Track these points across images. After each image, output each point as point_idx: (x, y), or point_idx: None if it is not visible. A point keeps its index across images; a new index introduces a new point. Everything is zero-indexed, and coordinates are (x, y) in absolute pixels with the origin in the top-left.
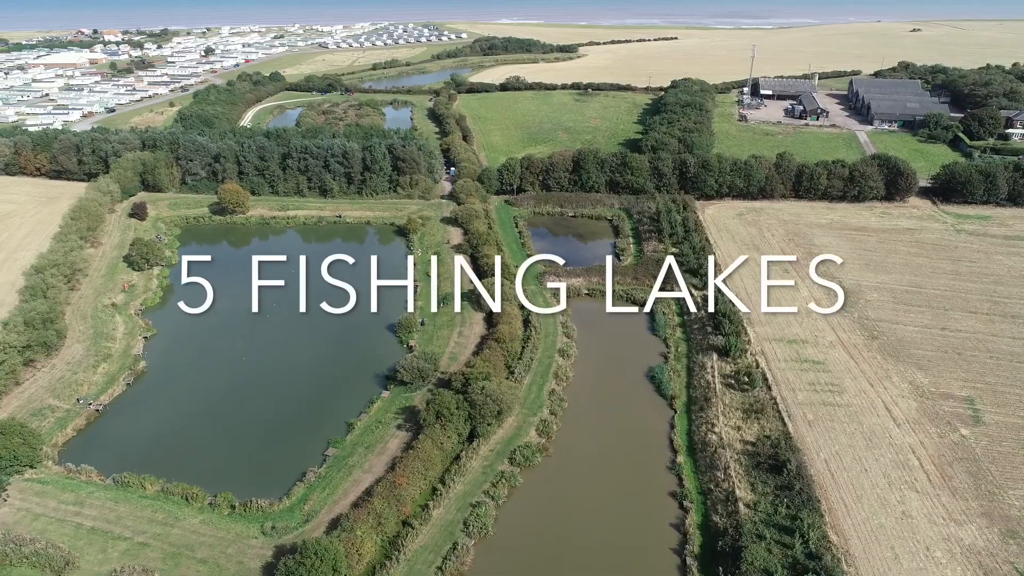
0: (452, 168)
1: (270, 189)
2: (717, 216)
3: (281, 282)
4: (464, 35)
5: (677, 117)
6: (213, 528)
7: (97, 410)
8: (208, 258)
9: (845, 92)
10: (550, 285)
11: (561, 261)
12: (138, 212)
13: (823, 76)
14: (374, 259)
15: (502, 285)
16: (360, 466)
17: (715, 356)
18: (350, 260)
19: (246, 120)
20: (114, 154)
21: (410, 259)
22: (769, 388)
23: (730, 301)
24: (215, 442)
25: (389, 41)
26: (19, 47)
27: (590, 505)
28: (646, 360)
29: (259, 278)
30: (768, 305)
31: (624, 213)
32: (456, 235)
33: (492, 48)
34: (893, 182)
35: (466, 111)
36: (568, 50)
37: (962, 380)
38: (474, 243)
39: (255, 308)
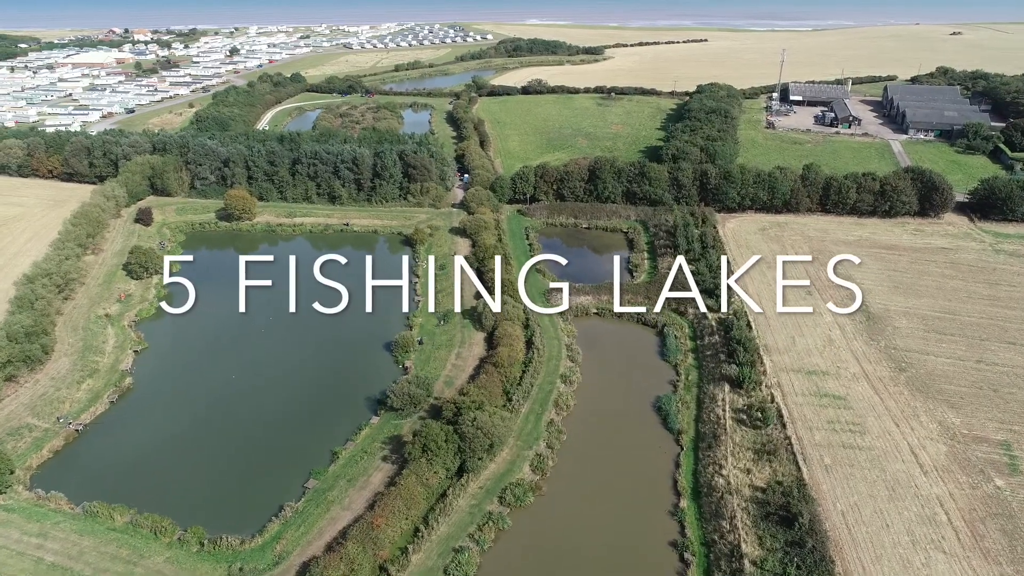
0: (466, 175)
1: (279, 195)
2: (738, 230)
3: (268, 283)
4: (489, 36)
5: (700, 124)
6: (177, 568)
7: (77, 430)
8: (191, 258)
9: (879, 99)
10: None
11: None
12: (143, 217)
13: (856, 81)
14: (375, 269)
15: (505, 303)
16: (339, 502)
17: (727, 387)
18: (351, 271)
19: (264, 122)
20: (124, 157)
21: (405, 263)
22: (784, 426)
23: (748, 337)
24: (195, 468)
25: (414, 42)
26: (50, 46)
27: (582, 553)
28: (654, 388)
29: (254, 287)
30: (785, 327)
31: (640, 226)
32: (464, 246)
33: (517, 50)
34: (927, 197)
35: (485, 115)
36: (594, 52)
37: (998, 422)
38: (480, 256)
39: (247, 313)
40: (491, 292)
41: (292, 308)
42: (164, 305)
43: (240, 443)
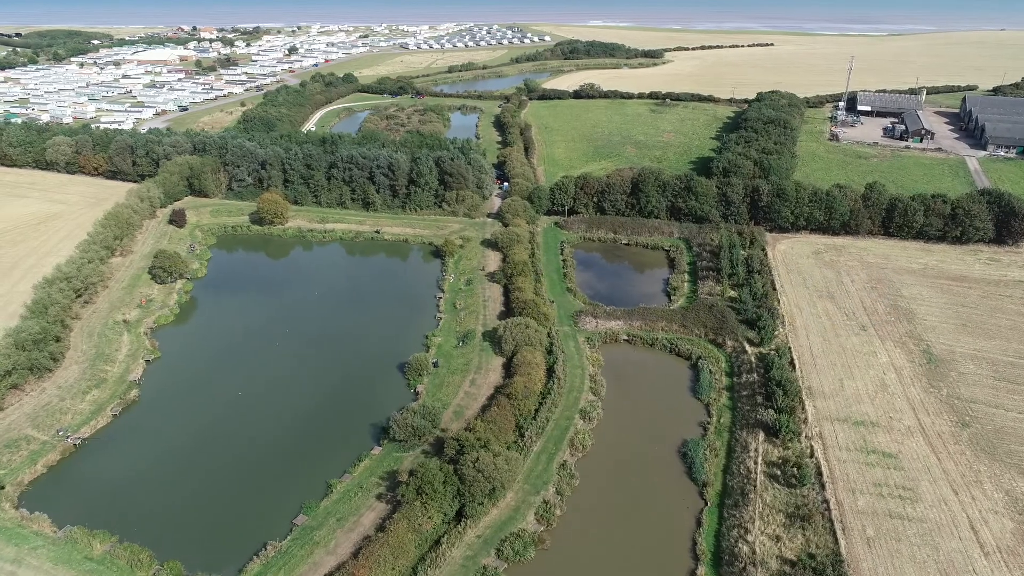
0: (506, 183)
1: (313, 199)
2: (789, 253)
3: (290, 293)
4: (547, 38)
5: (756, 136)
6: None
7: (75, 444)
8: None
9: (956, 110)
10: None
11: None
12: (177, 219)
13: (932, 91)
14: (400, 282)
15: (528, 327)
16: (325, 544)
17: (762, 435)
18: (376, 283)
19: (312, 122)
20: (165, 157)
21: (432, 276)
22: (823, 486)
23: (789, 378)
24: (186, 493)
25: (471, 43)
26: (121, 43)
27: None
28: (681, 430)
29: (278, 296)
30: (832, 371)
31: (684, 244)
32: (494, 260)
33: (574, 52)
34: (1005, 223)
35: (533, 119)
36: (653, 55)
37: None
38: (509, 272)
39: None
40: (517, 312)
41: (311, 320)
42: (182, 312)
43: (236, 468)
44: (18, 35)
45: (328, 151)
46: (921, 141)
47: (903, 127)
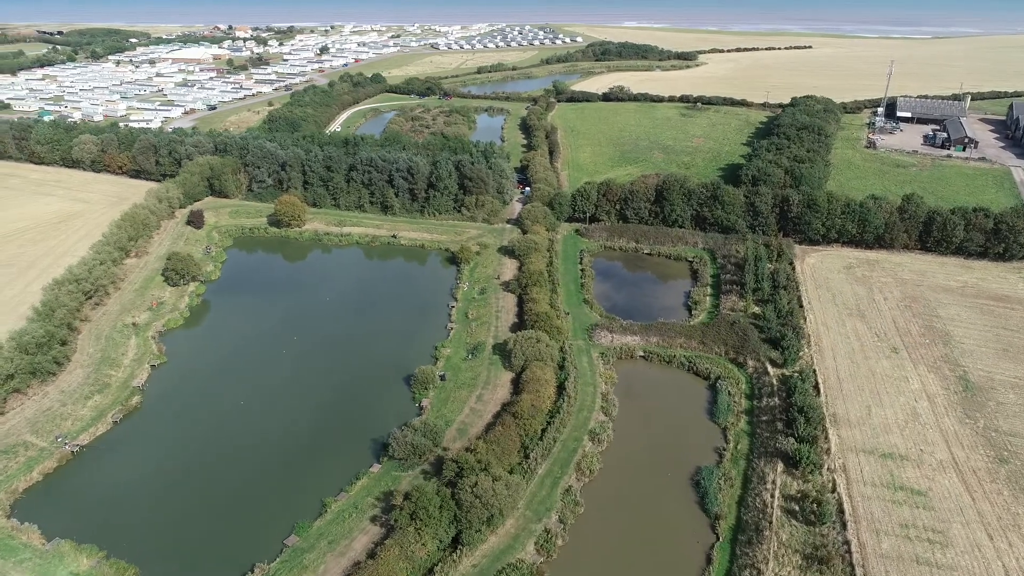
0: (527, 188)
1: (332, 201)
2: (819, 268)
3: (301, 298)
4: (579, 39)
5: (788, 143)
6: None
7: (73, 451)
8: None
9: (1002, 118)
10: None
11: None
12: (195, 220)
13: (977, 97)
14: (414, 290)
15: (539, 340)
16: (313, 568)
17: (780, 466)
18: (389, 289)
19: (338, 123)
20: (187, 157)
21: (446, 284)
22: (844, 525)
23: (813, 404)
24: (178, 508)
25: (501, 43)
26: (158, 41)
27: None
28: (696, 456)
29: (290, 301)
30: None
31: (708, 255)
32: (511, 268)
33: (605, 53)
34: None
35: (560, 122)
36: (687, 57)
37: None
38: (524, 282)
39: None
40: (530, 325)
41: (320, 326)
42: (192, 316)
43: (232, 482)
44: (60, 33)
45: (349, 153)
46: (964, 150)
47: (945, 135)
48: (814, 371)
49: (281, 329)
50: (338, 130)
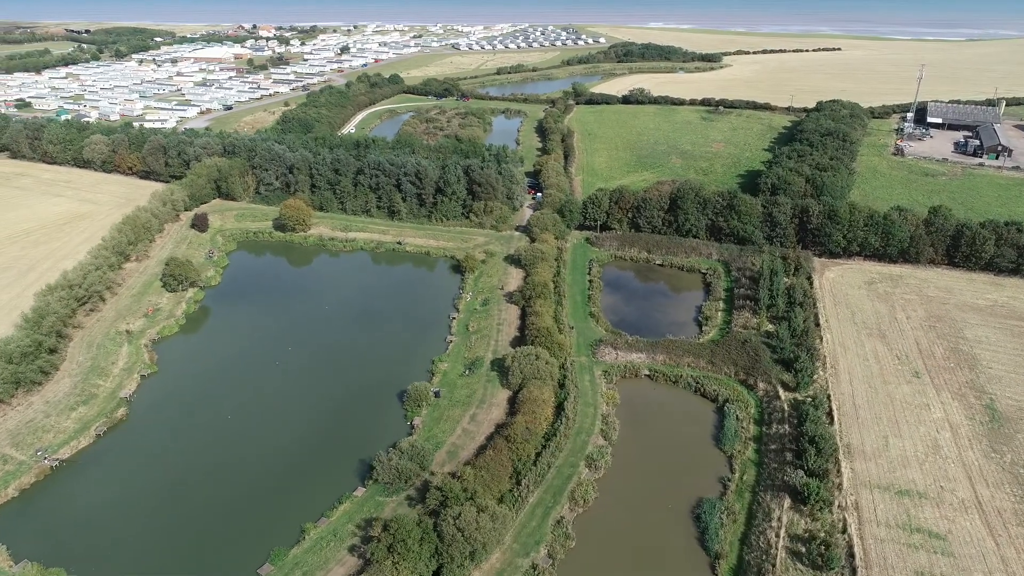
0: (539, 193)
1: (339, 205)
2: (838, 283)
3: (298, 310)
4: (602, 39)
5: (811, 149)
6: None
7: (52, 466)
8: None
9: None
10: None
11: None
12: (199, 223)
13: (1012, 102)
14: (415, 299)
15: (539, 357)
16: None
17: (788, 502)
18: (389, 299)
19: (353, 124)
20: (195, 158)
21: (448, 294)
22: (854, 572)
23: (825, 434)
24: (152, 529)
25: (523, 44)
26: (182, 40)
27: None
28: (698, 486)
29: (288, 309)
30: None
31: (722, 267)
32: (516, 278)
33: (627, 55)
34: None
35: (578, 125)
36: (711, 59)
37: None
38: (528, 294)
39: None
40: (530, 340)
41: (316, 337)
42: (188, 323)
43: (210, 503)
44: (87, 32)
45: (358, 156)
46: (997, 158)
47: (977, 142)
48: (828, 396)
49: (277, 339)
50: (352, 131)
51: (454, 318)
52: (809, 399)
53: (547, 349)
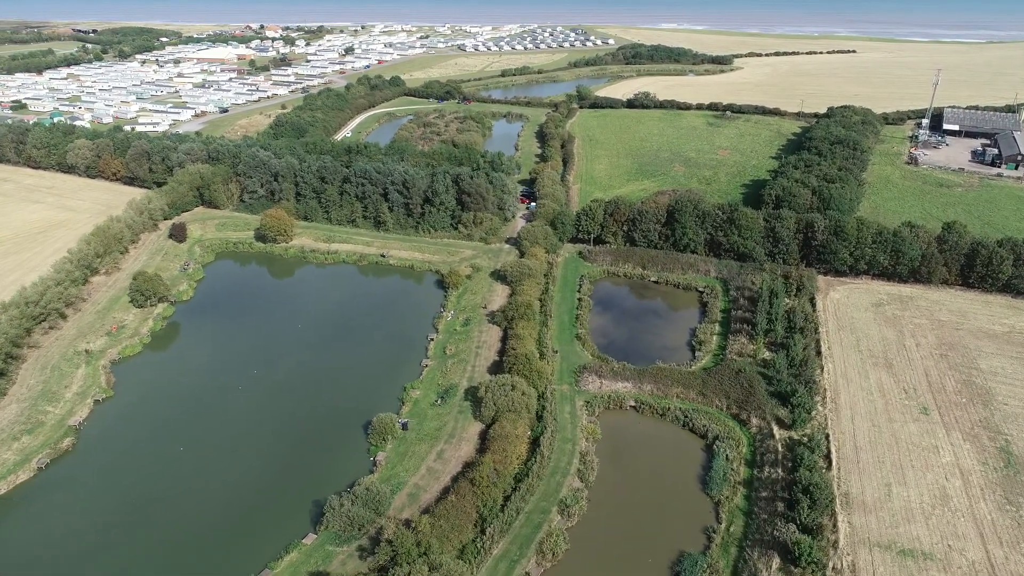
0: (533, 202)
1: (324, 215)
2: (844, 305)
3: (268, 329)
4: (611, 41)
5: (819, 159)
6: None
7: None
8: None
9: None
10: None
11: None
12: (177, 233)
13: None
14: (394, 318)
15: (515, 387)
16: None
17: (777, 561)
18: (367, 317)
19: (349, 128)
20: (179, 164)
21: (429, 312)
22: None
23: (821, 482)
24: None
25: (530, 45)
26: (188, 40)
27: None
28: (680, 537)
29: (260, 327)
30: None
31: (720, 285)
32: (501, 296)
33: (636, 57)
34: None
35: (580, 130)
36: (721, 61)
37: None
38: (510, 315)
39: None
40: (507, 368)
41: (285, 359)
42: (153, 342)
43: (149, 552)
44: (95, 31)
45: (347, 163)
46: (1016, 168)
47: (995, 151)
48: (827, 436)
49: (244, 360)
50: (348, 136)
51: (432, 339)
52: (805, 438)
53: (525, 377)
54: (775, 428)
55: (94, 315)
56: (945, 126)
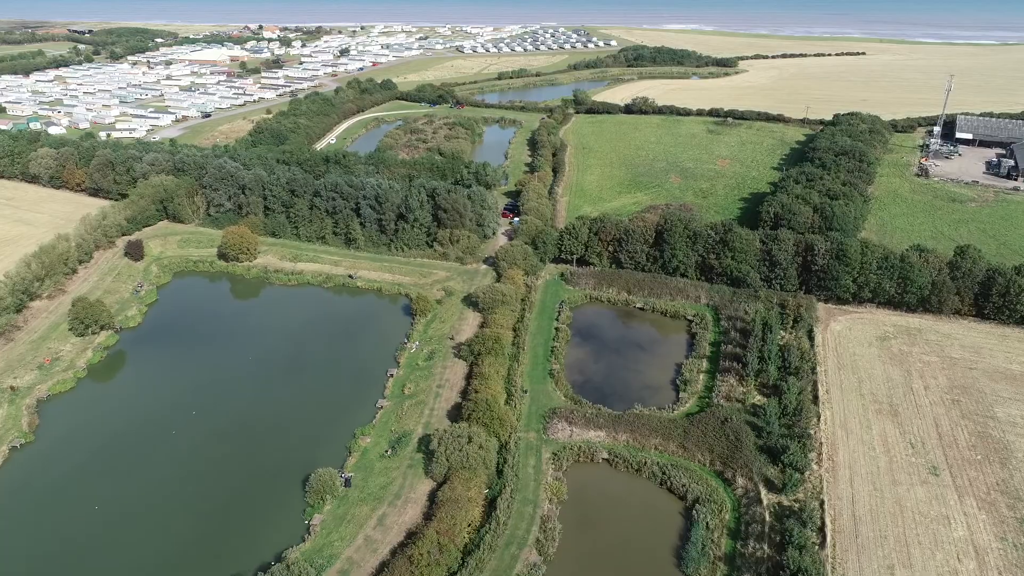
0: (517, 217)
1: (293, 231)
2: (845, 338)
3: (214, 363)
4: (613, 42)
5: (823, 172)
6: None
7: None
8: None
9: None
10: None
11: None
12: (132, 251)
13: None
14: (354, 350)
15: (473, 438)
16: None
17: None
18: (323, 349)
19: (335, 134)
20: (143, 175)
21: (392, 344)
22: None
23: (810, 564)
24: None
25: (530, 47)
26: (183, 41)
27: None
28: None
29: (208, 359)
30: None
31: (711, 314)
32: (472, 325)
33: (638, 59)
34: None
35: (573, 137)
36: (726, 64)
37: None
38: (476, 349)
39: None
40: (466, 415)
41: (229, 397)
42: (88, 376)
43: None
44: (90, 32)
45: (319, 175)
46: None
47: (1011, 162)
48: (821, 503)
49: (185, 398)
50: (333, 142)
51: (392, 375)
52: (796, 506)
53: (486, 426)
54: (763, 491)
55: (27, 345)
56: (958, 134)
